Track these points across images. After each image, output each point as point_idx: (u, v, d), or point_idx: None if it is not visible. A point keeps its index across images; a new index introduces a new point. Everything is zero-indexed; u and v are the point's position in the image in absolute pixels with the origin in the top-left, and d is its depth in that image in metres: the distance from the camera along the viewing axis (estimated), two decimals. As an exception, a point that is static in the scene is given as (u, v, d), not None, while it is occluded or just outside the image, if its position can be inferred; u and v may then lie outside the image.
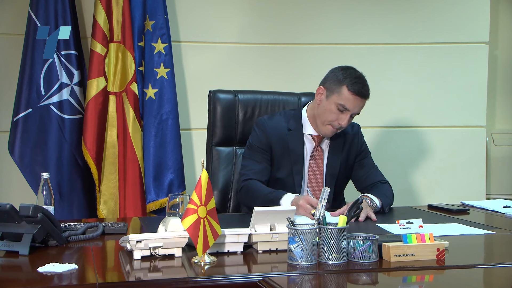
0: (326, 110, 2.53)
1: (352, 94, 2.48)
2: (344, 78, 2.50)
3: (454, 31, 3.77)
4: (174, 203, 1.98)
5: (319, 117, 2.57)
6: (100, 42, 3.24)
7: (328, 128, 2.55)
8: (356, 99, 2.49)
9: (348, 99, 2.48)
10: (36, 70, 3.21)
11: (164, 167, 3.31)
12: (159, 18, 3.32)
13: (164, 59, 3.32)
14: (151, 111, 3.31)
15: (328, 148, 2.65)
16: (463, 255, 1.85)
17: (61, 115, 3.24)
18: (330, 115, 2.52)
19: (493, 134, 3.95)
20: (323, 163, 2.63)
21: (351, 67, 2.56)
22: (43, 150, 3.21)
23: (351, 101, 2.48)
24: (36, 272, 1.57)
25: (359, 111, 2.53)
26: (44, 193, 2.07)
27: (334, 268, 1.63)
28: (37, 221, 1.77)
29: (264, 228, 1.81)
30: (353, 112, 2.51)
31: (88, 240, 1.94)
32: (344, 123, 2.51)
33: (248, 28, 3.65)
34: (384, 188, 2.63)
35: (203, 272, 1.62)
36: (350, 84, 2.48)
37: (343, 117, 2.50)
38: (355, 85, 2.47)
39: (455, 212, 2.54)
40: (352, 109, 2.50)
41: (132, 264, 1.67)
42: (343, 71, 2.53)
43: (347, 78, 2.49)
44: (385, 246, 1.69)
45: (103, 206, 3.24)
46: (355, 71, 2.54)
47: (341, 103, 2.49)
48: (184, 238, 1.71)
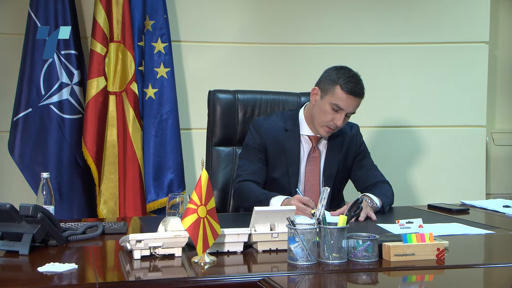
0: (321, 110, 2.54)
1: (345, 94, 2.48)
2: (338, 77, 2.50)
3: (454, 31, 3.77)
4: (174, 202, 1.98)
5: (315, 118, 2.57)
6: (100, 42, 3.24)
7: (325, 129, 2.55)
8: (350, 98, 2.48)
9: (342, 98, 2.48)
10: (36, 70, 3.21)
11: (164, 166, 3.31)
12: (159, 17, 3.32)
13: (164, 58, 3.33)
14: (151, 111, 3.31)
15: (325, 149, 2.65)
16: (463, 255, 1.85)
17: (61, 115, 3.24)
18: (325, 116, 2.52)
19: (493, 134, 3.95)
20: (320, 164, 2.63)
21: (345, 66, 2.56)
22: (43, 150, 3.21)
23: (345, 100, 2.48)
24: (36, 272, 1.57)
25: (354, 110, 2.52)
26: (44, 193, 2.07)
27: (334, 267, 1.63)
28: (37, 221, 1.77)
29: (264, 227, 1.81)
30: (348, 112, 2.51)
31: (88, 240, 1.94)
32: (340, 123, 2.51)
33: (248, 28, 3.65)
34: (385, 188, 2.63)
35: (203, 272, 1.62)
36: (343, 84, 2.48)
37: (338, 117, 2.50)
38: (349, 84, 2.47)
39: (455, 212, 2.54)
40: (346, 109, 2.50)
41: (132, 264, 1.67)
42: (337, 71, 2.53)
43: (341, 77, 2.50)
44: (385, 245, 1.69)
45: (103, 205, 3.24)
46: (349, 70, 2.54)
47: (335, 103, 2.49)
48: (184, 238, 1.71)
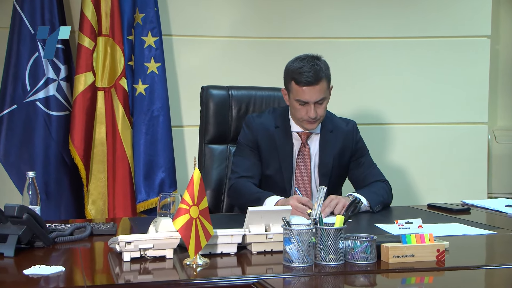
0: (292, 109, 2.59)
1: (301, 87, 2.50)
2: (291, 72, 2.53)
3: (454, 25, 3.78)
4: (165, 203, 1.98)
5: (293, 116, 2.62)
6: (88, 36, 3.23)
7: (305, 123, 2.57)
8: (308, 89, 2.49)
9: (301, 92, 2.51)
10: (22, 64, 3.20)
11: (155, 165, 3.30)
12: (149, 10, 3.32)
13: (154, 53, 3.32)
14: (141, 108, 3.30)
15: (318, 146, 2.65)
16: (464, 256, 1.86)
17: (48, 112, 3.23)
18: (298, 112, 2.55)
19: (495, 131, 3.97)
20: (311, 161, 2.64)
21: (297, 56, 2.58)
22: (28, 148, 3.20)
23: (304, 93, 2.50)
24: (22, 274, 1.57)
25: (319, 98, 2.51)
26: (30, 192, 2.06)
27: (331, 269, 1.64)
28: (22, 221, 1.76)
29: (259, 228, 1.81)
30: (315, 101, 2.51)
31: (75, 241, 1.94)
32: (312, 113, 2.51)
33: (242, 22, 3.65)
34: (376, 186, 2.62)
35: (195, 274, 1.62)
36: (296, 77, 2.50)
37: (309, 110, 2.52)
38: (301, 76, 2.49)
39: (455, 212, 2.54)
40: (310, 100, 2.51)
41: (121, 266, 1.66)
42: (289, 65, 2.58)
43: (292, 72, 2.53)
44: (384, 247, 1.69)
45: (92, 206, 3.23)
46: (299, 60, 2.54)
47: (298, 99, 2.52)
48: (176, 239, 1.70)
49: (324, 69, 2.53)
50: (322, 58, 2.57)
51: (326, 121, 2.66)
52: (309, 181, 2.63)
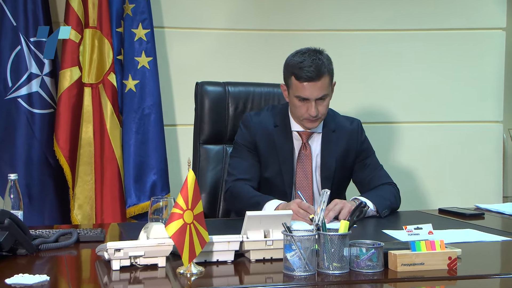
0: (292, 106, 2.59)
1: (302, 83, 2.51)
2: (291, 67, 2.54)
3: (467, 16, 3.78)
4: (157, 207, 1.98)
5: (293, 113, 2.63)
6: (74, 28, 3.23)
7: (306, 121, 2.58)
8: (309, 85, 2.50)
9: (301, 88, 2.51)
10: (3, 59, 3.20)
11: (146, 167, 3.30)
12: (140, 1, 3.32)
13: (145, 47, 3.32)
14: (132, 105, 3.30)
15: (319, 147, 2.65)
16: (477, 264, 1.86)
17: (30, 110, 3.23)
18: (299, 110, 2.55)
19: (511, 130, 3.98)
20: (312, 163, 2.64)
21: (298, 50, 2.59)
22: (10, 149, 3.20)
23: (305, 89, 2.51)
24: (4, 284, 1.56)
25: (320, 95, 2.52)
26: (11, 196, 2.07)
27: (334, 278, 1.64)
28: (4, 227, 1.77)
29: (257, 234, 1.81)
30: (316, 98, 2.52)
31: (61, 248, 1.94)
32: (313, 111, 2.52)
33: (240, 13, 3.65)
34: (384, 189, 2.62)
35: (189, 284, 1.62)
36: (296, 73, 2.51)
37: (309, 107, 2.52)
38: (301, 72, 2.49)
39: (468, 217, 2.55)
40: (311, 96, 2.51)
41: (110, 275, 1.66)
42: (289, 59, 2.58)
43: (292, 67, 2.53)
44: (391, 254, 1.69)
45: (78, 211, 3.24)
46: (300, 54, 2.55)
47: (298, 95, 2.53)
48: (168, 246, 1.71)
49: (327, 63, 2.53)
50: (324, 52, 2.57)
51: (328, 119, 2.66)
52: (310, 184, 2.63)
